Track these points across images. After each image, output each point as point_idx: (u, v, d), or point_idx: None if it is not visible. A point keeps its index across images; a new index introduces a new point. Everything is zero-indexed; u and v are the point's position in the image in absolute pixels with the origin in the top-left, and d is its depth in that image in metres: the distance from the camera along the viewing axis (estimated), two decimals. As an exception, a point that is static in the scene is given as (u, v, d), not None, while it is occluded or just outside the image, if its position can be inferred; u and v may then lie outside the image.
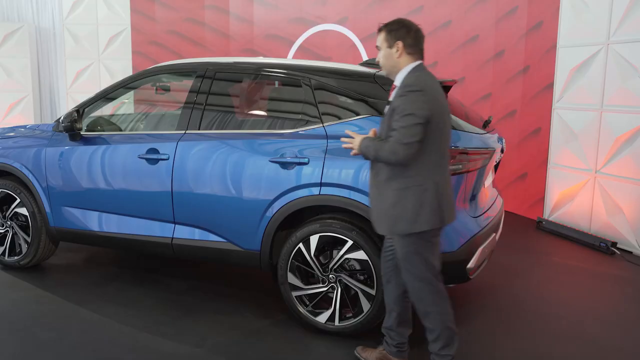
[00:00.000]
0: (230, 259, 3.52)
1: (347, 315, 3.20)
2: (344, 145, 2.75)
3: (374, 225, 2.72)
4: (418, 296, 2.66)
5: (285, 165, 3.26)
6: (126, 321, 3.41)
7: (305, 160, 3.22)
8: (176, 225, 3.63)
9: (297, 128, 3.36)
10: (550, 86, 5.80)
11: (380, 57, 2.66)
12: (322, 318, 3.24)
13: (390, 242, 2.78)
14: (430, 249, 2.63)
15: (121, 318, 3.45)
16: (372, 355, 2.92)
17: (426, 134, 2.47)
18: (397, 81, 2.60)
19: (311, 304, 3.28)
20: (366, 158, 2.65)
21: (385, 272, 2.85)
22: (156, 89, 4.19)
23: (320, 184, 3.20)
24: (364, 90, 3.26)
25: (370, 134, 2.68)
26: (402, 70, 2.60)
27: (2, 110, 9.04)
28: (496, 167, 3.82)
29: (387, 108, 2.63)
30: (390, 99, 2.60)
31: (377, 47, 2.68)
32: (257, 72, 3.69)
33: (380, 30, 2.66)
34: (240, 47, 8.26)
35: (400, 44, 2.58)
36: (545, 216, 5.91)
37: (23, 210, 4.10)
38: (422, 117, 2.43)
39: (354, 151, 2.67)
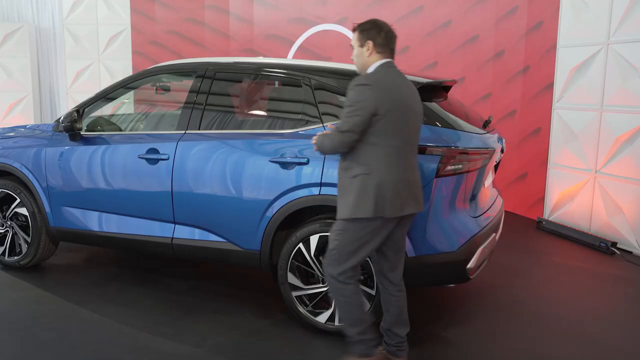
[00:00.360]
0: (230, 259, 3.52)
1: (347, 315, 3.19)
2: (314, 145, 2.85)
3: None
4: (328, 281, 2.75)
5: (285, 165, 3.26)
6: (126, 321, 3.41)
7: (305, 160, 3.23)
8: (176, 225, 3.63)
9: (297, 128, 3.36)
10: (550, 86, 5.80)
11: (353, 56, 2.77)
12: (322, 318, 3.24)
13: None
14: (365, 241, 2.65)
15: (121, 318, 3.45)
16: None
17: (372, 127, 2.55)
18: None
19: (311, 304, 3.28)
20: (318, 150, 2.78)
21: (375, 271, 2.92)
22: (156, 89, 4.19)
23: (321, 184, 3.20)
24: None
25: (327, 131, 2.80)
26: (370, 67, 2.69)
27: (2, 110, 9.04)
28: (496, 167, 3.82)
29: None
30: None
31: (351, 45, 2.80)
32: (257, 72, 3.69)
33: (354, 30, 2.77)
34: (240, 47, 8.26)
35: (370, 43, 2.68)
36: (545, 216, 5.91)
37: (23, 210, 4.10)
38: (363, 109, 2.52)
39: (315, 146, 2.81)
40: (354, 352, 2.79)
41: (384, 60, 2.68)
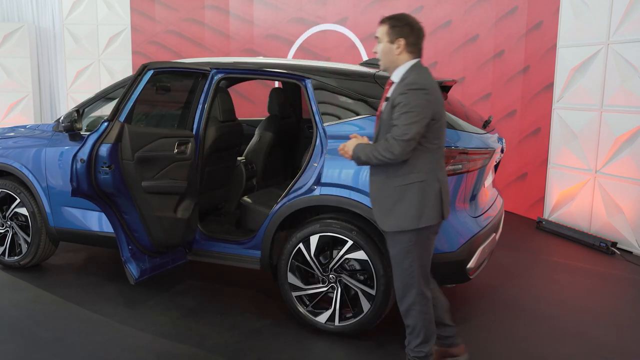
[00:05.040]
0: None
1: (347, 315, 3.19)
2: (341, 152, 2.68)
3: (377, 223, 2.67)
4: (403, 293, 2.66)
5: None
6: (126, 321, 3.41)
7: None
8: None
9: None
10: (550, 86, 5.80)
11: (379, 51, 2.61)
12: (322, 318, 3.24)
13: None
14: (426, 247, 2.62)
15: (121, 318, 3.45)
16: None
17: (428, 132, 2.48)
18: (395, 77, 2.57)
19: (311, 304, 3.28)
20: (358, 162, 2.61)
21: None
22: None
23: (320, 184, 3.20)
24: (364, 90, 3.26)
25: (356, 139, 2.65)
26: (400, 66, 2.57)
27: (2, 110, 9.03)
28: (496, 167, 3.82)
29: (384, 105, 2.60)
30: (388, 95, 2.57)
31: (376, 37, 2.62)
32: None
33: (382, 22, 2.60)
34: (240, 47, 8.26)
35: (402, 41, 2.55)
36: (545, 216, 5.91)
37: (23, 210, 4.10)
38: (424, 115, 2.43)
39: (347, 155, 2.63)
40: None
41: (416, 60, 2.58)
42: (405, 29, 2.55)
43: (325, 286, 3.21)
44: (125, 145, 3.15)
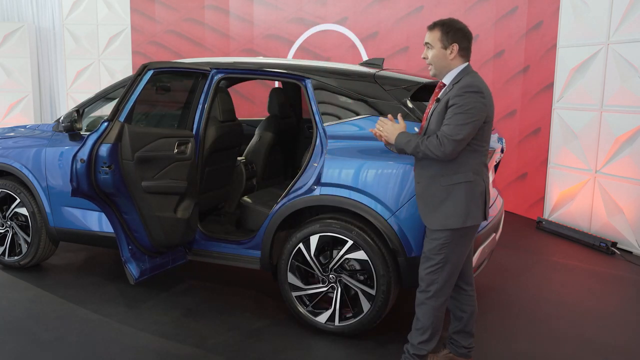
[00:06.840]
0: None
1: (347, 315, 3.19)
2: (373, 131, 2.68)
3: (423, 220, 2.66)
4: (426, 286, 2.65)
5: None
6: (126, 321, 3.41)
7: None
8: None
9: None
10: (550, 86, 5.80)
11: (431, 56, 2.59)
12: (322, 318, 3.24)
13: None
14: (463, 247, 2.63)
15: (121, 318, 3.45)
16: None
17: (478, 133, 2.52)
18: (446, 80, 2.59)
19: (311, 304, 3.28)
20: (400, 151, 2.64)
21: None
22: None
23: (320, 184, 3.20)
24: (364, 90, 3.27)
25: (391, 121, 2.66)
26: (452, 70, 2.59)
27: (2, 110, 9.04)
28: (496, 167, 3.82)
29: (433, 106, 2.60)
30: (439, 97, 2.59)
31: (426, 44, 2.61)
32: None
33: (433, 28, 2.60)
34: (240, 47, 8.26)
35: (456, 46, 2.56)
36: (545, 216, 5.91)
37: (23, 210, 4.10)
38: (478, 117, 2.47)
39: (387, 140, 2.63)
40: None
41: (467, 64, 2.61)
42: (458, 34, 2.57)
43: (325, 286, 3.21)
44: (125, 145, 3.15)
